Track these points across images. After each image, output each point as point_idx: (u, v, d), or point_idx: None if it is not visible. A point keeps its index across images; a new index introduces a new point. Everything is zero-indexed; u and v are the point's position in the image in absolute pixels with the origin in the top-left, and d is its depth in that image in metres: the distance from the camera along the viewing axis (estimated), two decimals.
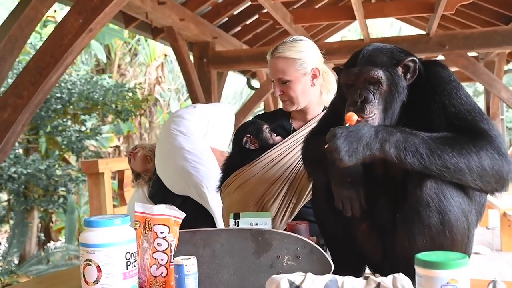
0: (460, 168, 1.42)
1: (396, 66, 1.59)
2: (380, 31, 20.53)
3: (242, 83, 12.53)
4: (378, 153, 1.44)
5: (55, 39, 2.83)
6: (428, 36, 6.14)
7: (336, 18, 6.18)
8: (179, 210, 1.62)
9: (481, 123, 1.51)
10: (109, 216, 1.58)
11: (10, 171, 6.80)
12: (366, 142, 1.44)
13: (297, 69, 2.14)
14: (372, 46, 1.65)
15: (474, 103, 1.57)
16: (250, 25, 7.35)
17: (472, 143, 1.44)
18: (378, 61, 1.59)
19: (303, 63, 2.14)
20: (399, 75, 1.59)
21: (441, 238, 1.46)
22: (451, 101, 1.55)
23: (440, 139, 1.45)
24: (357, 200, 1.59)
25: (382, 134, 1.45)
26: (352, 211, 1.61)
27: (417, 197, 1.46)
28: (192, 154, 2.74)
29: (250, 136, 2.16)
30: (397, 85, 1.58)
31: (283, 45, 2.17)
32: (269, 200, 2.06)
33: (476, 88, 19.65)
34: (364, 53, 1.62)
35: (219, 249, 1.63)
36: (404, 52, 1.65)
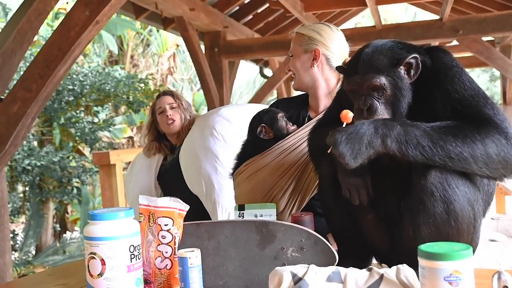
0: (465, 158, 1.40)
1: (398, 66, 1.56)
2: (395, 17, 20.34)
3: (255, 72, 12.49)
4: (381, 149, 1.43)
5: (62, 32, 2.84)
6: (441, 21, 6.06)
7: (347, 5, 6.12)
8: (183, 203, 1.62)
9: (485, 109, 1.48)
10: (113, 209, 1.58)
11: (24, 163, 6.87)
12: (368, 140, 1.42)
13: (300, 44, 2.17)
14: (372, 47, 1.61)
15: (478, 88, 1.53)
16: (261, 14, 7.30)
17: (476, 130, 1.41)
18: (379, 65, 1.56)
19: (308, 41, 2.16)
20: (402, 76, 1.56)
21: (446, 227, 1.44)
22: (454, 87, 1.52)
23: (443, 129, 1.43)
24: (364, 188, 1.58)
25: (383, 130, 1.43)
26: (360, 199, 1.60)
27: (421, 187, 1.44)
28: (223, 167, 2.70)
29: (264, 125, 2.14)
30: (401, 89, 1.56)
31: (306, 24, 2.26)
32: (278, 193, 2.04)
33: (493, 73, 19.40)
34: (364, 57, 1.59)
35: (223, 241, 1.62)
36: (405, 47, 1.61)
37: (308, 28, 2.19)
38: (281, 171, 2.06)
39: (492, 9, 6.90)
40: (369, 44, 1.65)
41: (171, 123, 3.01)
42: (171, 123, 3.01)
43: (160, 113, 3.05)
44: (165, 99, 3.08)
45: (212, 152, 2.72)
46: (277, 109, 2.24)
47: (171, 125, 3.02)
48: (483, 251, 6.18)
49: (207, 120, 2.90)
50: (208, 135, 2.77)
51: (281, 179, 2.05)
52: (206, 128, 2.82)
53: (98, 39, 10.25)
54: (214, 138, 2.75)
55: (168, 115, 3.01)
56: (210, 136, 2.76)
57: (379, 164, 1.59)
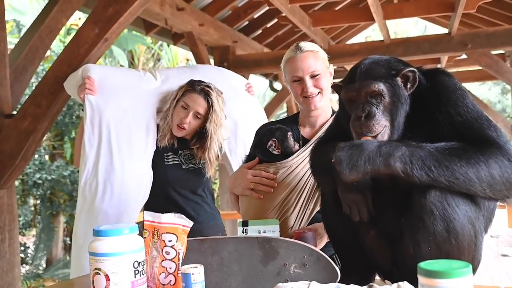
0: (470, 178, 1.40)
1: (395, 77, 1.58)
2: (405, 30, 20.36)
3: (265, 86, 12.53)
4: (383, 168, 1.43)
5: (72, 49, 2.89)
6: (450, 35, 6.07)
7: (356, 20, 6.15)
8: (187, 219, 1.64)
9: (488, 131, 1.49)
10: (118, 225, 1.60)
11: (35, 177, 6.94)
12: (369, 156, 1.43)
13: (323, 63, 2.19)
14: (369, 59, 1.65)
15: (481, 111, 1.55)
16: (270, 28, 7.36)
17: (480, 152, 1.42)
18: (377, 74, 1.58)
19: (325, 58, 2.20)
20: (400, 85, 1.59)
21: (447, 245, 1.44)
22: (457, 110, 1.53)
23: (447, 150, 1.43)
24: (364, 204, 1.59)
25: (386, 148, 1.44)
26: (360, 215, 1.61)
27: (421, 205, 1.45)
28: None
29: (276, 140, 2.16)
30: (399, 96, 1.58)
31: (303, 43, 2.20)
32: (288, 208, 2.06)
33: (504, 86, 19.30)
34: (361, 67, 1.62)
35: (227, 257, 1.64)
36: (401, 62, 1.65)
37: (315, 46, 2.21)
38: (290, 187, 2.08)
39: (501, 23, 6.91)
40: (366, 57, 1.68)
41: (180, 129, 2.61)
42: (180, 129, 2.61)
43: (182, 107, 2.59)
44: (198, 101, 2.58)
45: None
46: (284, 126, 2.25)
47: (178, 130, 2.62)
48: (495, 266, 6.12)
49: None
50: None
51: (290, 193, 2.07)
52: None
53: (109, 54, 10.36)
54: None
55: (184, 121, 2.57)
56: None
57: (379, 182, 1.61)
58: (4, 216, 3.19)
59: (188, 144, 2.70)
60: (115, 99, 2.65)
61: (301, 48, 2.16)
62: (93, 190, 2.54)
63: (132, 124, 2.65)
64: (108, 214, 2.52)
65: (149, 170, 2.65)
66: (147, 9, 4.43)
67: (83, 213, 2.58)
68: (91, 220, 2.52)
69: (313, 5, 6.50)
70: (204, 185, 2.76)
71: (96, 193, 2.53)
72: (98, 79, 2.64)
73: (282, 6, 4.74)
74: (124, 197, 2.56)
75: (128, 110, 2.66)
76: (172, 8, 5.00)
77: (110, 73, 2.78)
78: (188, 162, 2.70)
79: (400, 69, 1.59)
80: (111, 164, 2.57)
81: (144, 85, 2.75)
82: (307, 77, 2.14)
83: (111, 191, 2.54)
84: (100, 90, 2.63)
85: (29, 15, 9.47)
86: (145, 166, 2.64)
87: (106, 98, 2.63)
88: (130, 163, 2.60)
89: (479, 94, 18.14)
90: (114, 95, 2.66)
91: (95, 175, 2.55)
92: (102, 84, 2.65)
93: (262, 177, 2.09)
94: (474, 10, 5.26)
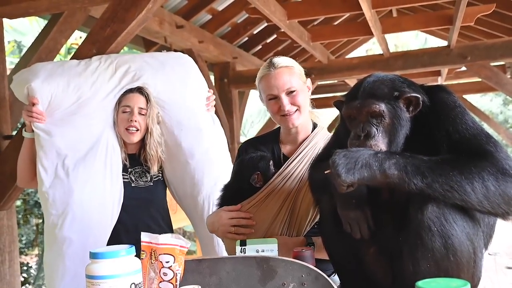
0: (464, 188, 1.39)
1: (398, 99, 1.57)
2: (405, 42, 20.41)
3: None
4: (379, 174, 1.42)
5: None
6: (449, 48, 6.08)
7: (355, 34, 6.17)
8: (185, 239, 1.63)
9: (486, 146, 1.48)
10: (115, 247, 1.59)
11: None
12: (366, 160, 1.43)
13: (299, 78, 2.11)
14: (373, 77, 1.64)
15: (481, 128, 1.53)
16: (270, 44, 7.39)
17: (472, 164, 1.41)
18: (379, 94, 1.58)
19: (301, 73, 2.13)
20: (401, 107, 1.58)
21: (446, 262, 1.43)
22: (455, 127, 1.52)
23: (440, 160, 1.43)
24: (365, 221, 1.58)
25: (382, 155, 1.45)
26: (361, 232, 1.60)
27: (418, 221, 1.44)
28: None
29: (259, 173, 2.08)
30: (400, 118, 1.57)
31: (277, 59, 2.12)
32: (277, 231, 2.01)
33: (506, 97, 19.29)
34: (365, 85, 1.61)
35: (225, 277, 1.62)
36: (406, 82, 1.63)
37: (289, 61, 2.12)
38: (272, 215, 2.02)
39: (501, 35, 6.93)
40: (371, 74, 1.67)
41: (133, 133, 2.51)
42: (133, 132, 2.50)
43: (124, 112, 2.53)
44: (136, 98, 2.53)
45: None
46: (259, 152, 2.17)
47: (130, 135, 2.51)
48: (501, 279, 6.06)
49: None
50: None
51: (273, 222, 2.02)
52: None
53: None
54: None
55: (133, 121, 2.49)
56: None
57: (378, 200, 1.60)
58: (4, 238, 3.18)
59: (138, 160, 2.61)
60: (67, 122, 2.48)
61: (275, 65, 2.08)
62: (53, 218, 2.40)
63: (87, 144, 2.48)
64: (72, 240, 2.37)
65: (113, 188, 2.48)
66: (146, 27, 4.45)
67: (48, 242, 2.44)
68: (56, 248, 2.38)
69: (312, 21, 6.53)
70: (156, 204, 2.62)
71: (57, 221, 2.39)
72: (46, 101, 2.46)
73: (281, 22, 4.76)
74: (87, 220, 2.41)
75: (82, 129, 2.49)
76: (171, 26, 5.03)
77: (58, 86, 2.48)
78: (139, 180, 2.58)
79: (403, 91, 1.58)
80: (69, 189, 2.41)
81: (100, 88, 2.53)
82: (282, 95, 2.06)
83: (72, 217, 2.38)
84: (49, 114, 2.47)
85: (30, 35, 9.54)
86: (107, 185, 2.47)
87: (56, 122, 2.47)
88: (89, 185, 2.44)
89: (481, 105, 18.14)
90: (66, 117, 2.49)
91: (53, 202, 2.40)
92: (51, 106, 2.47)
93: (240, 218, 2.02)
94: (473, 22, 5.28)
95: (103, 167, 2.48)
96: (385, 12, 7.12)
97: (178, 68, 2.70)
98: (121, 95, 2.57)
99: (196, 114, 2.65)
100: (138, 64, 2.61)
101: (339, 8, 4.92)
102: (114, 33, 2.74)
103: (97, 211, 2.44)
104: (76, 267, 2.33)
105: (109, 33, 2.74)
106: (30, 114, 2.43)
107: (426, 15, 5.81)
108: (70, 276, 2.35)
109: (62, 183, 2.42)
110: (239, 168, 2.16)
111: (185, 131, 2.61)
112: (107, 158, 2.50)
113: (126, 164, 2.58)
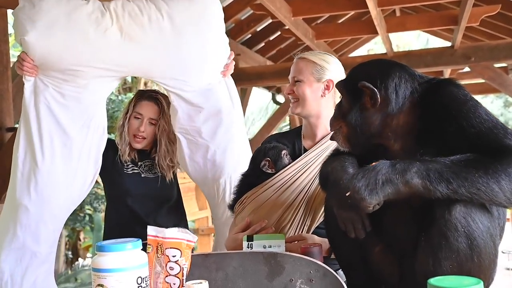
0: (492, 188, 1.34)
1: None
2: (407, 43, 20.39)
3: (268, 99, 12.56)
4: (402, 186, 1.38)
5: None
6: (453, 48, 6.08)
7: (359, 33, 6.17)
8: (191, 234, 1.61)
9: (505, 139, 1.43)
10: (121, 240, 1.57)
11: None
12: (386, 176, 1.39)
13: (312, 72, 2.16)
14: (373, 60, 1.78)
15: (496, 120, 1.48)
16: (273, 41, 7.38)
17: (497, 161, 1.37)
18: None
19: (320, 70, 2.17)
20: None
21: (469, 263, 1.39)
22: (469, 122, 1.47)
23: (462, 162, 1.38)
24: (359, 222, 1.52)
25: (400, 166, 1.40)
26: (355, 232, 1.56)
27: (445, 221, 1.39)
28: None
29: (269, 160, 2.13)
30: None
31: (312, 51, 2.28)
32: (286, 225, 2.03)
33: (507, 99, 19.30)
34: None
35: (232, 273, 1.61)
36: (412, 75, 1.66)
37: (318, 57, 2.19)
38: (286, 203, 2.04)
39: (504, 36, 6.92)
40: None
41: (139, 141, 2.60)
42: (139, 140, 2.60)
43: (135, 118, 2.61)
44: (149, 108, 2.60)
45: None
46: (274, 142, 2.23)
47: (136, 142, 2.61)
48: (500, 280, 6.05)
49: None
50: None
51: (287, 210, 2.03)
52: None
53: None
54: None
55: (140, 130, 2.57)
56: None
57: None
58: None
59: (148, 155, 2.67)
60: (57, 84, 2.32)
61: (299, 55, 2.24)
62: (18, 181, 2.31)
63: (72, 116, 2.35)
64: (28, 210, 2.29)
65: (86, 170, 2.42)
66: None
67: (7, 202, 2.36)
68: (12, 213, 2.32)
69: (316, 18, 6.52)
70: (167, 195, 2.67)
71: (21, 186, 2.30)
72: (40, 57, 2.27)
73: (286, 19, 4.75)
74: (50, 195, 2.33)
75: (69, 97, 2.34)
76: None
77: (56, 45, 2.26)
78: (149, 172, 2.65)
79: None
80: (42, 158, 2.31)
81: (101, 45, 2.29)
82: (290, 80, 2.22)
83: (34, 186, 2.29)
84: (41, 69, 2.31)
85: None
86: (81, 166, 2.39)
87: (47, 81, 2.32)
88: (61, 160, 2.34)
89: None
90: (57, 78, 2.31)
91: (23, 166, 2.31)
92: (45, 63, 2.29)
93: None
94: (478, 23, 5.27)
95: (80, 145, 2.39)
96: (388, 11, 7.11)
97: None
98: (137, 99, 2.62)
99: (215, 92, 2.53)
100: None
101: (344, 6, 4.91)
102: None
103: (64, 190, 2.37)
104: (25, 237, 2.29)
105: None
106: (21, 67, 2.30)
107: (430, 15, 5.80)
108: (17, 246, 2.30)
109: (33, 149, 2.31)
110: (253, 155, 2.23)
111: (204, 113, 2.49)
112: (87, 137, 2.40)
113: (134, 158, 2.65)
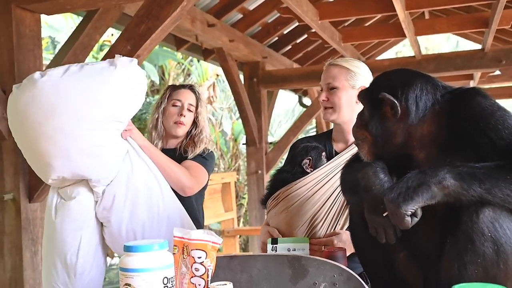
0: None
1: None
2: (437, 45, 20.11)
3: (294, 101, 12.54)
4: (435, 188, 1.38)
5: None
6: (483, 51, 5.98)
7: (386, 36, 6.11)
8: (217, 236, 1.64)
9: None
10: (149, 241, 1.61)
11: None
12: (417, 182, 1.39)
13: (347, 79, 2.19)
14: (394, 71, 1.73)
15: None
16: (300, 44, 7.37)
17: None
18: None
19: (354, 76, 2.19)
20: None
21: (495, 269, 1.38)
22: (498, 134, 1.45)
23: (493, 166, 1.38)
24: (391, 227, 1.53)
25: (431, 170, 1.40)
26: (386, 238, 1.56)
27: (472, 224, 1.39)
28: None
29: (311, 159, 2.19)
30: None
31: (342, 58, 2.29)
32: (318, 223, 2.06)
33: None
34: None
35: (256, 275, 1.63)
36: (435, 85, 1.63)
37: (350, 63, 2.22)
38: (319, 202, 2.07)
39: None
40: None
41: (180, 125, 2.67)
42: (180, 125, 2.67)
43: (174, 106, 2.69)
44: (186, 94, 2.72)
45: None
46: (314, 143, 2.27)
47: (178, 128, 2.67)
48: None
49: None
50: None
51: (320, 208, 2.07)
52: None
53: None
54: None
55: (182, 115, 2.65)
56: None
57: None
58: (37, 229, 3.23)
59: (174, 155, 2.61)
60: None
61: (332, 61, 2.25)
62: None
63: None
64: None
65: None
66: (178, 25, 4.48)
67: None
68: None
69: (343, 21, 6.49)
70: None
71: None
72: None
73: (312, 22, 4.75)
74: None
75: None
76: (203, 24, 5.06)
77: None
78: None
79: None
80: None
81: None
82: (324, 87, 2.22)
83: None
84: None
85: (64, 32, 9.69)
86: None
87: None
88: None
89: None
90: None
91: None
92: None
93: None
94: (509, 26, 5.18)
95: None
96: (417, 14, 7.03)
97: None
98: (172, 89, 2.75)
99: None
100: None
101: (371, 9, 4.88)
102: (149, 30, 2.76)
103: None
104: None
105: (143, 30, 2.77)
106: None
107: (460, 17, 5.71)
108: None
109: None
110: (292, 153, 2.26)
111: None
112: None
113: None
